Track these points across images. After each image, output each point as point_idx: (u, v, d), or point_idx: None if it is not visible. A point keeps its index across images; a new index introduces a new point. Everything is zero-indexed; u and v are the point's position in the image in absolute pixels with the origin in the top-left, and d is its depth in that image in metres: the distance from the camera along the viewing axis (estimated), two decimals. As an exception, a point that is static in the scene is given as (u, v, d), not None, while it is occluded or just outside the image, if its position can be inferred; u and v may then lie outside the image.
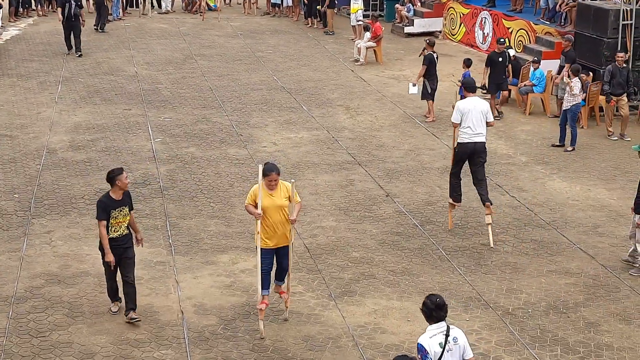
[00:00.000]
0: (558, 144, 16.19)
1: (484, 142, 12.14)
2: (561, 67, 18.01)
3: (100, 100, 18.86)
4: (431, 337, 6.89)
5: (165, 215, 12.72)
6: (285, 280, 9.83)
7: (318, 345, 9.33)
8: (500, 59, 18.05)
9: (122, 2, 29.83)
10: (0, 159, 14.99)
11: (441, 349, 6.85)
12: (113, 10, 29.11)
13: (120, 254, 9.56)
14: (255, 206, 9.31)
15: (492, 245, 11.85)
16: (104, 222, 9.40)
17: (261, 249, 9.42)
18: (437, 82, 17.97)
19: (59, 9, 23.41)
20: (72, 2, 23.04)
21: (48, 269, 10.96)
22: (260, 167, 9.40)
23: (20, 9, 29.27)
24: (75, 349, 9.14)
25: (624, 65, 16.95)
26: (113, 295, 9.86)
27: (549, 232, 12.36)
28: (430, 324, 6.99)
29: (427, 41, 18.48)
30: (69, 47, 23.31)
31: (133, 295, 9.69)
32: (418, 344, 6.91)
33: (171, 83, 20.62)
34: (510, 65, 18.48)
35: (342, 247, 11.77)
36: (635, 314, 10.10)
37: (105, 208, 9.43)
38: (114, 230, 9.49)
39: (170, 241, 11.85)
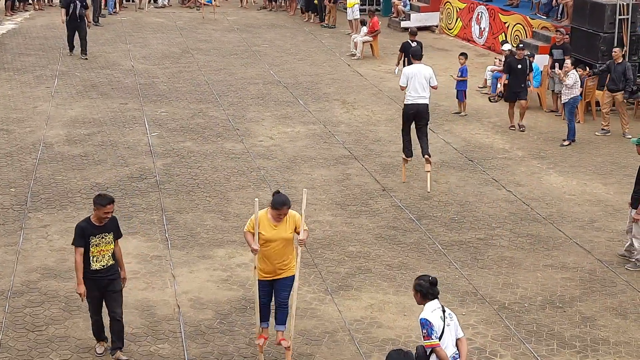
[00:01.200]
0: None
1: (427, 104, 13.76)
2: (555, 62, 17.94)
3: (97, 95, 18.83)
4: (432, 311, 7.04)
5: (161, 209, 12.72)
6: (287, 324, 8.85)
7: (314, 339, 9.33)
8: (520, 66, 16.85)
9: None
10: (-4, 153, 14.99)
11: (442, 322, 6.94)
12: (108, 5, 29.07)
13: (105, 287, 8.63)
14: (254, 235, 8.51)
15: (429, 190, 13.47)
16: (81, 249, 8.43)
17: (258, 280, 8.68)
18: None
19: (63, 10, 22.21)
20: (77, 2, 21.98)
21: (44, 263, 10.95)
22: (258, 201, 8.43)
23: (17, 3, 29.20)
24: (72, 343, 9.14)
25: (620, 61, 16.51)
26: (98, 333, 8.85)
27: (545, 227, 12.38)
28: (425, 303, 7.12)
29: (409, 31, 20.08)
30: (71, 48, 22.44)
31: (120, 333, 8.79)
32: (421, 319, 7.01)
33: (167, 77, 20.59)
34: (531, 73, 17.45)
35: (338, 242, 11.77)
36: (631, 308, 10.12)
37: (83, 233, 8.44)
38: (97, 261, 8.52)
39: (167, 235, 11.84)
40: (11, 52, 22.85)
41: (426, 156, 13.66)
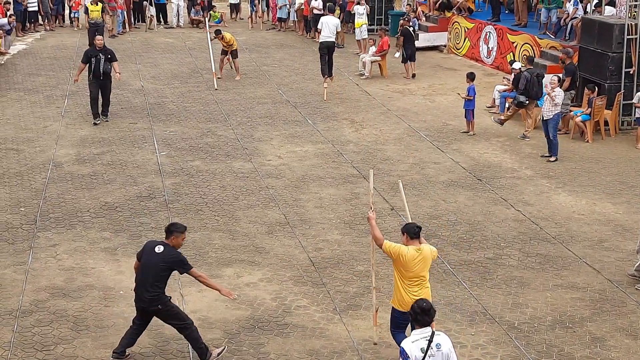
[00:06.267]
0: (547, 154, 16.19)
1: (334, 42, 21.49)
2: (562, 81, 17.94)
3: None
4: (413, 341, 6.95)
5: (170, 228, 12.71)
6: None
7: (323, 359, 9.30)
8: None
9: (126, 16, 29.95)
10: (6, 172, 15.04)
11: (422, 354, 6.85)
12: (117, 26, 29.25)
13: None
14: None
15: (325, 99, 20.10)
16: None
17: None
18: (412, 48, 23.47)
19: (81, 65, 18.22)
20: (101, 55, 17.82)
21: (53, 283, 10.96)
22: None
23: (27, 24, 29.40)
24: (80, 362, 9.13)
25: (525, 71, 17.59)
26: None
27: (554, 246, 12.33)
28: (415, 329, 7.07)
29: (405, 18, 24.88)
30: (96, 115, 18.10)
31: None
32: (400, 347, 6.97)
33: (177, 97, 20.67)
34: None
35: (347, 261, 11.76)
36: (641, 328, 10.07)
37: None
38: None
39: (175, 255, 11.82)
40: (22, 72, 23.00)
41: (327, 76, 21.00)
